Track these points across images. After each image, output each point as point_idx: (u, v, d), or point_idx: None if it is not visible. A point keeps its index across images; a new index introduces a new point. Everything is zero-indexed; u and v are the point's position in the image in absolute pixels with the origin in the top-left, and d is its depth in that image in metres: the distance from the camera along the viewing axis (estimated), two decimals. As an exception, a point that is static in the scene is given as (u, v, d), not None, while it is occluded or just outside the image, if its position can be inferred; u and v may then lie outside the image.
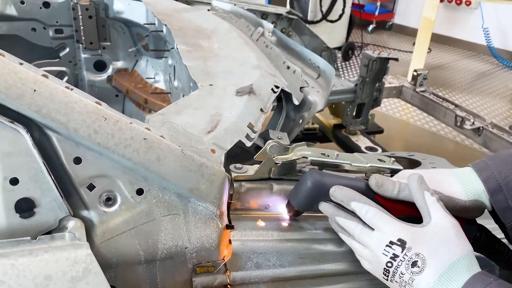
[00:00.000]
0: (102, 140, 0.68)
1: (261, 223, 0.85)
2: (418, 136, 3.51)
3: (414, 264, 0.68)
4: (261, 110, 1.11)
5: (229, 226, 0.80)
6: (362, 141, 2.61)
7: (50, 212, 0.67)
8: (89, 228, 0.70)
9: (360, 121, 2.66)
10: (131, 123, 0.71)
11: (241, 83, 1.20)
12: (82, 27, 2.08)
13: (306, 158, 0.89)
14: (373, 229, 0.74)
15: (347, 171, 0.94)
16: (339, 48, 5.19)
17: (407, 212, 0.79)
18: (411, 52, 4.86)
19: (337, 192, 0.77)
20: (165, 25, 1.68)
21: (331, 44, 2.86)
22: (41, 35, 2.06)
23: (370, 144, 2.58)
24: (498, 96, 4.55)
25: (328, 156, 0.91)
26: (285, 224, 0.88)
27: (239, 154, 1.12)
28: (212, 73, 1.28)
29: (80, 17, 2.05)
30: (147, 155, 0.71)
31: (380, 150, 2.44)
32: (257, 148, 1.16)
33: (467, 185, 0.80)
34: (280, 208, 0.89)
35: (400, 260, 0.70)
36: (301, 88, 1.40)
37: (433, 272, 0.67)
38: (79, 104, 0.67)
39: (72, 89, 0.68)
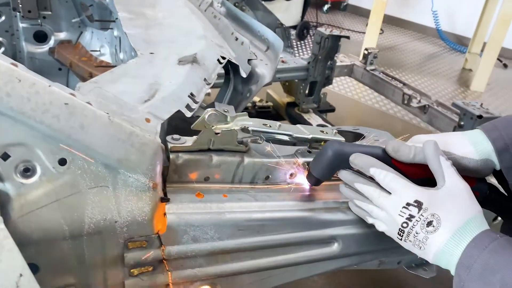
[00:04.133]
0: (15, 104, 0.61)
1: (199, 196, 0.82)
2: (369, 115, 3.59)
3: (429, 223, 0.73)
4: (205, 80, 1.07)
5: (164, 199, 0.76)
6: (314, 119, 2.63)
7: (-43, 185, 0.60)
8: (4, 201, 0.64)
9: (312, 99, 2.68)
10: (50, 86, 0.64)
11: (185, 52, 1.14)
12: (18, -6, 1.92)
13: (247, 128, 0.86)
14: (390, 193, 0.78)
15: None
16: (294, 27, 5.16)
17: (421, 174, 0.83)
18: (365, 32, 4.92)
19: (357, 159, 0.81)
20: (107, -9, 1.58)
21: (286, 23, 2.83)
22: (-29, 1, 1.89)
23: (322, 122, 2.60)
24: (444, 77, 4.72)
25: (270, 126, 0.89)
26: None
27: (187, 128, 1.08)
28: (154, 42, 1.21)
29: (16, -18, 1.88)
30: (69, 122, 0.65)
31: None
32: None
33: (478, 145, 0.85)
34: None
35: (416, 220, 0.74)
36: (249, 60, 1.37)
37: (447, 230, 0.71)
38: (-13, 63, 0.60)
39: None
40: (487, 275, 0.64)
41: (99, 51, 2.21)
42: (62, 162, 0.67)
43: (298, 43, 5.17)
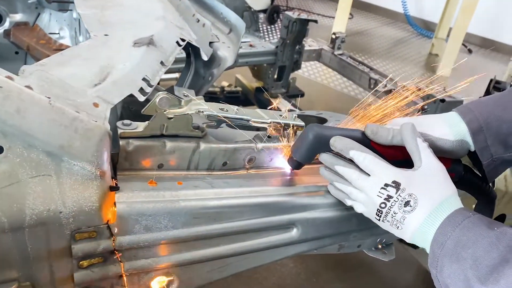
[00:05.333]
0: None
1: (152, 184, 0.78)
2: (337, 100, 3.61)
3: (407, 203, 0.74)
4: (162, 63, 1.02)
5: (113, 188, 0.72)
6: (283, 104, 2.62)
7: None
8: None
9: (281, 84, 2.66)
10: (-20, 68, 0.59)
11: (142, 34, 1.09)
12: (-36, -30, 1.79)
13: (202, 112, 0.83)
14: (369, 175, 0.79)
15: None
16: (264, 11, 5.10)
17: (399, 156, 0.84)
18: (334, 17, 4.92)
19: (337, 142, 0.82)
20: (60, -31, 1.49)
21: (256, 7, 2.79)
22: None
23: (291, 107, 2.59)
24: (412, 62, 4.79)
25: (227, 111, 0.86)
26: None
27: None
28: (109, 23, 1.15)
29: (-39, -43, 1.76)
30: (4, 107, 0.60)
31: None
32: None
33: (453, 126, 0.87)
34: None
35: (394, 200, 0.75)
36: (210, 43, 1.33)
37: (424, 210, 0.73)
38: None
39: None
40: (460, 250, 0.66)
41: (58, 33, 2.12)
42: (-2, 150, 0.62)
43: (269, 27, 5.12)
